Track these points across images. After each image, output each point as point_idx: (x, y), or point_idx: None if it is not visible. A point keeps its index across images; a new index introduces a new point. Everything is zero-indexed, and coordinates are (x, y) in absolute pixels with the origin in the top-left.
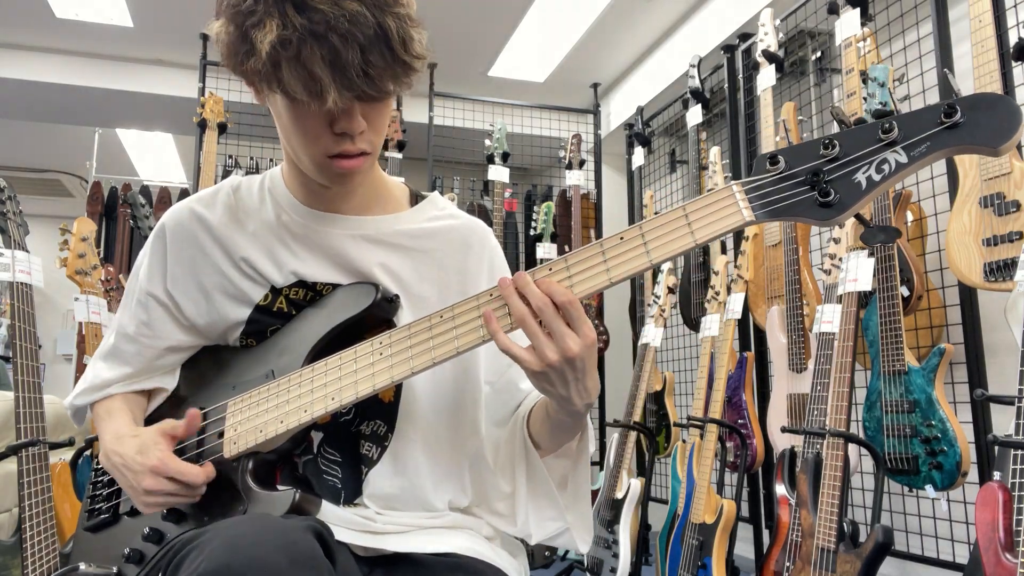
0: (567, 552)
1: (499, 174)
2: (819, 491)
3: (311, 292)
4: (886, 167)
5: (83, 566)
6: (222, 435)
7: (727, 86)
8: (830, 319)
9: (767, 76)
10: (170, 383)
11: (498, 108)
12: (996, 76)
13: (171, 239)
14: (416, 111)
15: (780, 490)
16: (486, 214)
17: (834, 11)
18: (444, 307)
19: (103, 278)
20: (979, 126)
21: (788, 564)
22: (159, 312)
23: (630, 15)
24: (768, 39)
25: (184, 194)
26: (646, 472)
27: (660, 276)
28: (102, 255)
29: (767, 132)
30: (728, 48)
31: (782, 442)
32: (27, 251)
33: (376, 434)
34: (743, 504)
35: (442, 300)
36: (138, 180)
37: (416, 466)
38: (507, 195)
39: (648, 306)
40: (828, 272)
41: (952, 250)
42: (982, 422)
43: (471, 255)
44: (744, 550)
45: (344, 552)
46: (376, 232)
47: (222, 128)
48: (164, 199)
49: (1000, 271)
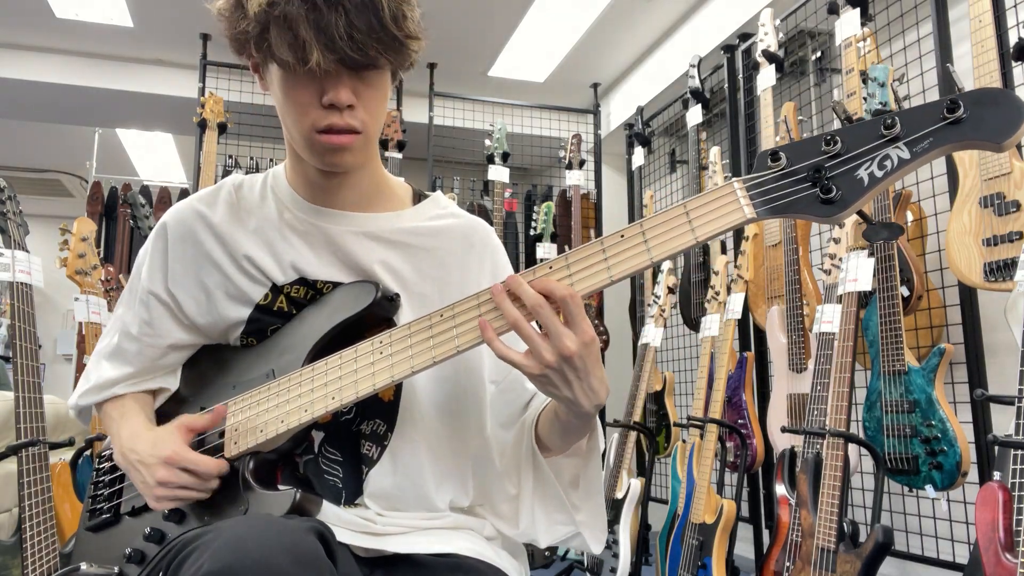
0: (567, 552)
1: (499, 174)
2: (819, 491)
3: (312, 290)
4: (888, 163)
5: (84, 566)
6: (223, 435)
7: (727, 86)
8: (830, 319)
9: (767, 76)
10: (172, 383)
11: (498, 108)
12: (996, 76)
13: (172, 237)
14: (416, 111)
15: (780, 490)
16: (486, 214)
17: (834, 11)
18: (444, 306)
19: (103, 278)
20: (982, 121)
21: (788, 564)
22: (160, 311)
23: (630, 15)
24: (768, 39)
25: (184, 194)
26: (646, 472)
27: (660, 276)
28: (102, 255)
29: (767, 132)
30: (728, 48)
31: (782, 442)
32: (27, 251)
33: (376, 433)
34: (743, 504)
35: (443, 299)
36: (138, 180)
37: (417, 465)
38: (507, 195)
39: (648, 306)
40: (828, 272)
41: (952, 250)
42: (982, 422)
43: (473, 254)
44: (744, 550)
45: (345, 553)
46: (377, 229)
47: (222, 128)
48: (164, 199)
49: (1000, 271)
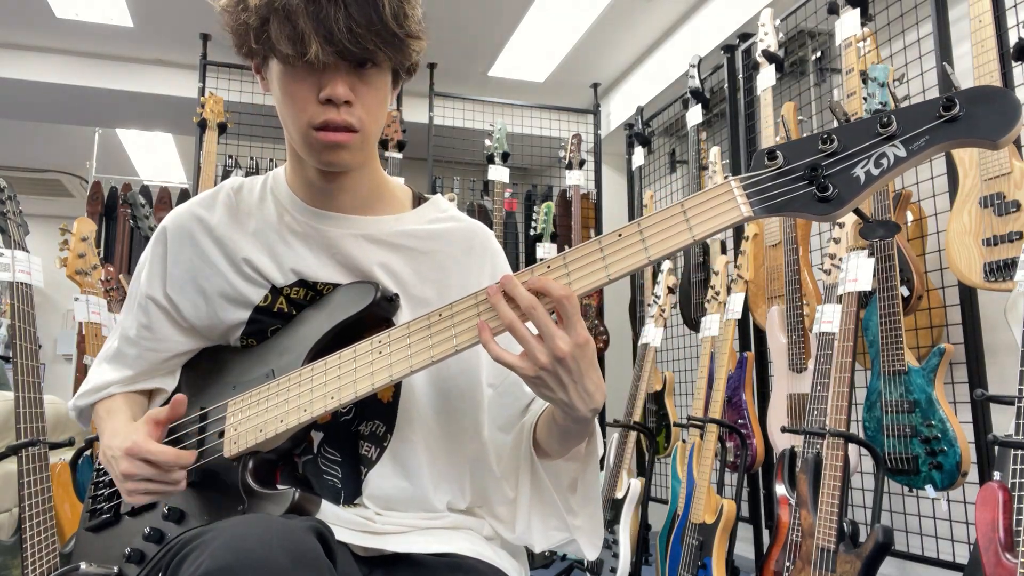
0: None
1: (499, 174)
2: (819, 491)
3: (311, 292)
4: (885, 161)
5: (84, 566)
6: (222, 435)
7: (727, 86)
8: (830, 319)
9: (767, 76)
10: (170, 384)
11: (498, 108)
12: (996, 76)
13: (171, 241)
14: (416, 111)
15: (780, 490)
16: (486, 214)
17: (834, 11)
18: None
19: (103, 278)
20: (978, 119)
21: (788, 564)
22: (159, 315)
23: (630, 15)
24: (768, 39)
25: (184, 194)
26: (646, 472)
27: (660, 276)
28: (102, 255)
29: (767, 132)
30: (728, 48)
31: (782, 442)
32: (27, 251)
33: (375, 435)
34: (743, 504)
35: (442, 301)
36: (138, 180)
37: (415, 467)
38: (507, 195)
39: (648, 306)
40: (828, 272)
41: (952, 250)
42: (982, 422)
43: (472, 257)
44: (744, 550)
45: (344, 552)
46: (377, 232)
47: (222, 128)
48: (164, 199)
49: (1000, 271)
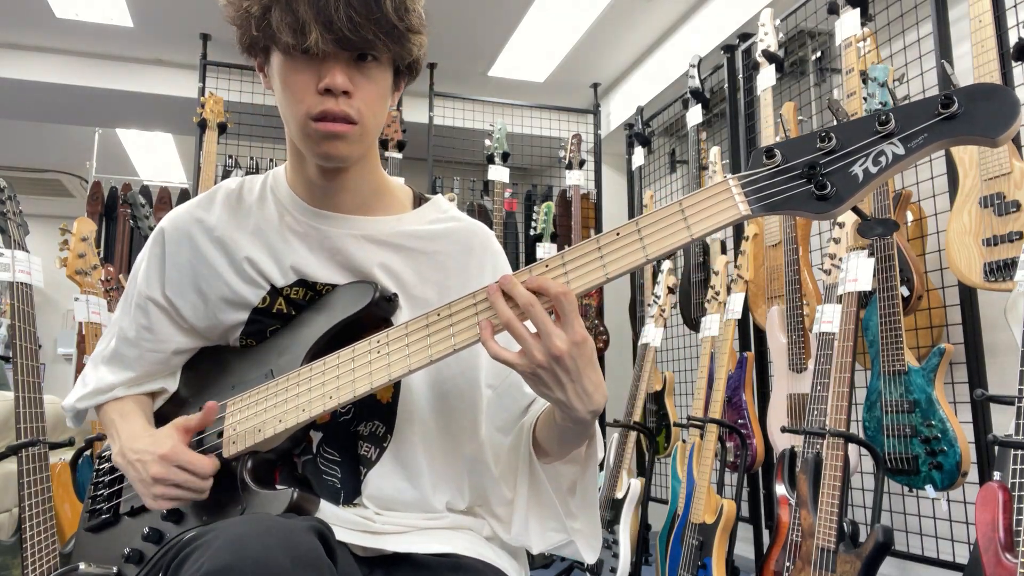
0: None
1: (499, 174)
2: (819, 491)
3: (311, 292)
4: (883, 159)
5: (83, 566)
6: (221, 435)
7: (727, 86)
8: (830, 319)
9: (767, 76)
10: (172, 385)
11: (498, 108)
12: (996, 76)
13: (169, 243)
14: (416, 111)
15: (780, 490)
16: (486, 214)
17: (834, 11)
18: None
19: (103, 278)
20: (977, 116)
21: (788, 564)
22: (159, 316)
23: (630, 15)
24: (768, 39)
25: (184, 194)
26: (646, 472)
27: (660, 276)
28: (102, 255)
29: (767, 132)
30: (728, 48)
31: (782, 442)
32: (27, 251)
33: (375, 435)
34: (743, 504)
35: (443, 302)
36: (138, 180)
37: (415, 467)
38: (507, 195)
39: (648, 306)
40: (828, 272)
41: (952, 250)
42: (982, 422)
43: (473, 258)
44: (744, 550)
45: (344, 552)
46: (377, 232)
47: (222, 128)
48: (164, 199)
49: (1000, 271)
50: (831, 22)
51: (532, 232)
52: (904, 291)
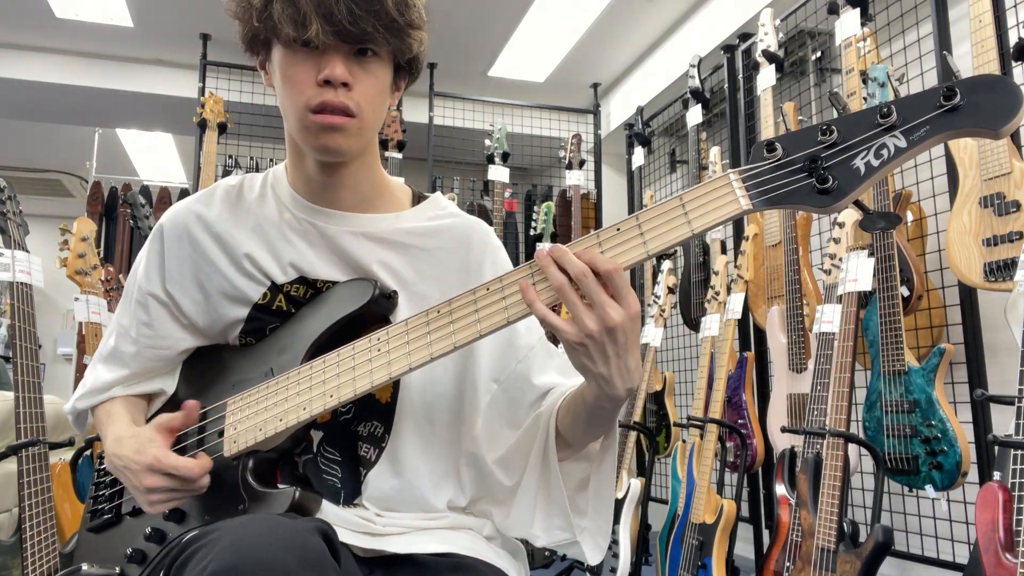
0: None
1: (499, 174)
2: (819, 491)
3: (311, 289)
4: (885, 152)
5: (85, 567)
6: (222, 434)
7: (727, 86)
8: (830, 319)
9: (767, 76)
10: (170, 386)
11: (498, 108)
12: None
13: (168, 238)
14: (416, 111)
15: (780, 490)
16: (486, 214)
17: (834, 11)
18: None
19: (103, 278)
20: (979, 108)
21: (788, 564)
22: (159, 312)
23: (630, 15)
24: (768, 39)
25: (184, 194)
26: (646, 472)
27: (660, 276)
28: (102, 255)
29: (767, 132)
30: (728, 48)
31: (782, 442)
32: (27, 251)
33: (373, 435)
34: (743, 504)
35: (442, 298)
36: (138, 180)
37: (415, 468)
38: (507, 195)
39: (648, 306)
40: (828, 272)
41: (952, 250)
42: (982, 422)
43: (472, 254)
44: (744, 550)
45: (346, 553)
46: (376, 229)
47: (222, 128)
48: (164, 199)
49: (1000, 271)
50: (831, 22)
51: (532, 232)
52: (904, 291)
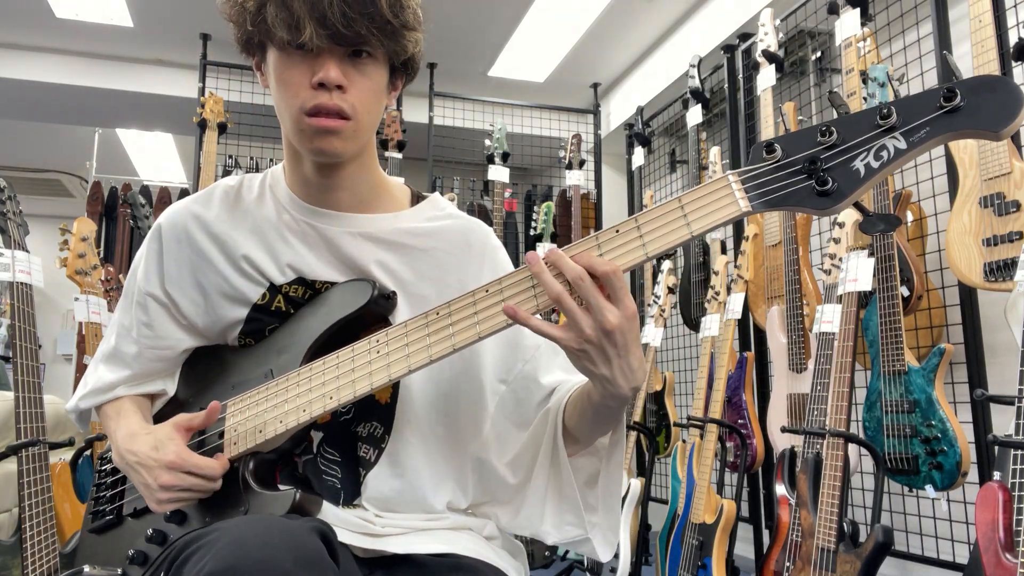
0: (567, 552)
1: (499, 174)
2: (819, 491)
3: (309, 290)
4: (885, 153)
5: (87, 568)
6: (222, 435)
7: (727, 86)
8: (830, 319)
9: (767, 76)
10: (171, 387)
11: (498, 108)
12: None
13: (167, 239)
14: (416, 111)
15: (780, 490)
16: (486, 214)
17: (834, 11)
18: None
19: (103, 278)
20: (979, 109)
21: (788, 564)
22: (159, 312)
23: (630, 15)
24: (768, 39)
25: (184, 194)
26: (646, 472)
27: (660, 276)
28: (102, 255)
29: (767, 132)
30: (728, 48)
31: (782, 442)
32: (27, 251)
33: (373, 436)
34: (743, 504)
35: (441, 299)
36: (138, 180)
37: (414, 469)
38: (507, 195)
39: (648, 306)
40: (828, 272)
41: (952, 250)
42: (982, 422)
43: (471, 254)
44: (744, 550)
45: (345, 553)
46: (374, 230)
47: (222, 128)
48: (164, 199)
49: (1000, 271)
50: (831, 22)
51: (532, 232)
52: (904, 291)
